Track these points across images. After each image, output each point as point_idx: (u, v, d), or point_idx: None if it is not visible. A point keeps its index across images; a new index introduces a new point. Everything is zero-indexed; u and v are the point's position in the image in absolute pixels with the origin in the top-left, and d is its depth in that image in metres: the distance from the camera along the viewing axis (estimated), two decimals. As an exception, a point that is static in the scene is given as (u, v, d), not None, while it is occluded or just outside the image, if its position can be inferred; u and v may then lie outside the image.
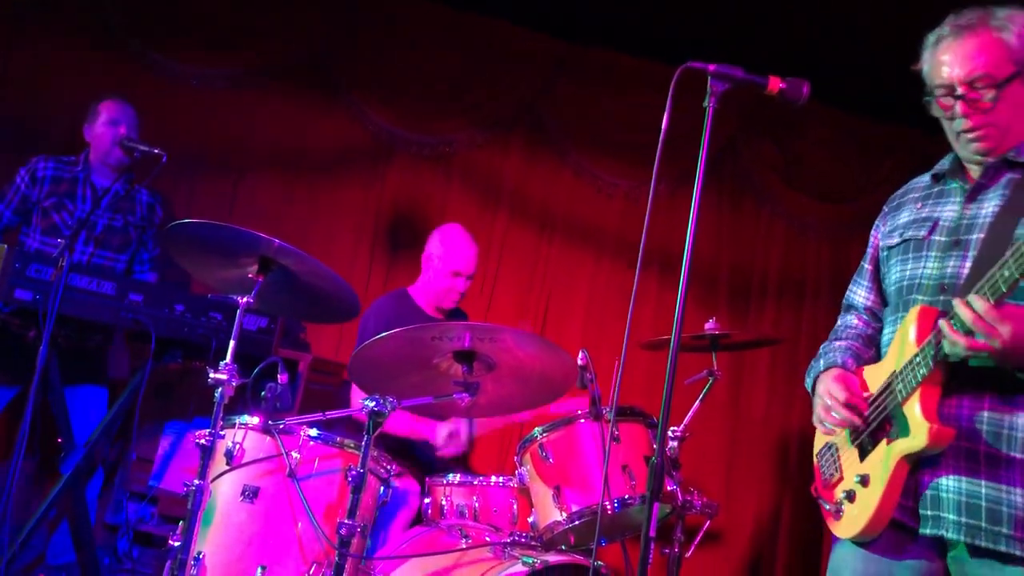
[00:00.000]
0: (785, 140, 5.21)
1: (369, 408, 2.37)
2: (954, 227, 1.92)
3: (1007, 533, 1.74)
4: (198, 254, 2.62)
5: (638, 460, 2.72)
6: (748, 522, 5.03)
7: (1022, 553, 1.73)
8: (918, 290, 1.94)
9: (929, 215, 1.99)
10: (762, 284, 5.26)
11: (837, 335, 2.20)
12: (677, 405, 3.28)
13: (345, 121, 4.86)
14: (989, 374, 1.77)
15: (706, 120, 1.90)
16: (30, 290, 3.08)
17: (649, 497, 1.79)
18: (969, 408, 1.81)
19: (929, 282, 1.92)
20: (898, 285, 2.01)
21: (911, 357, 1.83)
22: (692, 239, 1.85)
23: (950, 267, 1.89)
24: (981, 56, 1.85)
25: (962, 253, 1.88)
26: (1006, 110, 1.85)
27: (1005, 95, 1.85)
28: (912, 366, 1.82)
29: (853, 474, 1.95)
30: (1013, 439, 1.78)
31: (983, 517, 1.77)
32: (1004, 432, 1.78)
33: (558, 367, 2.64)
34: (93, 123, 3.81)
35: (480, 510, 2.92)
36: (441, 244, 3.73)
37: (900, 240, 2.03)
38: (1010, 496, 1.76)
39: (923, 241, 1.96)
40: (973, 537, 1.77)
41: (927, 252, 1.95)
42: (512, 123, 5.05)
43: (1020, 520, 1.74)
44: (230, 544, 2.51)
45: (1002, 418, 1.78)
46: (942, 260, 1.91)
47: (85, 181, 3.76)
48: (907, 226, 2.03)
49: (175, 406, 3.97)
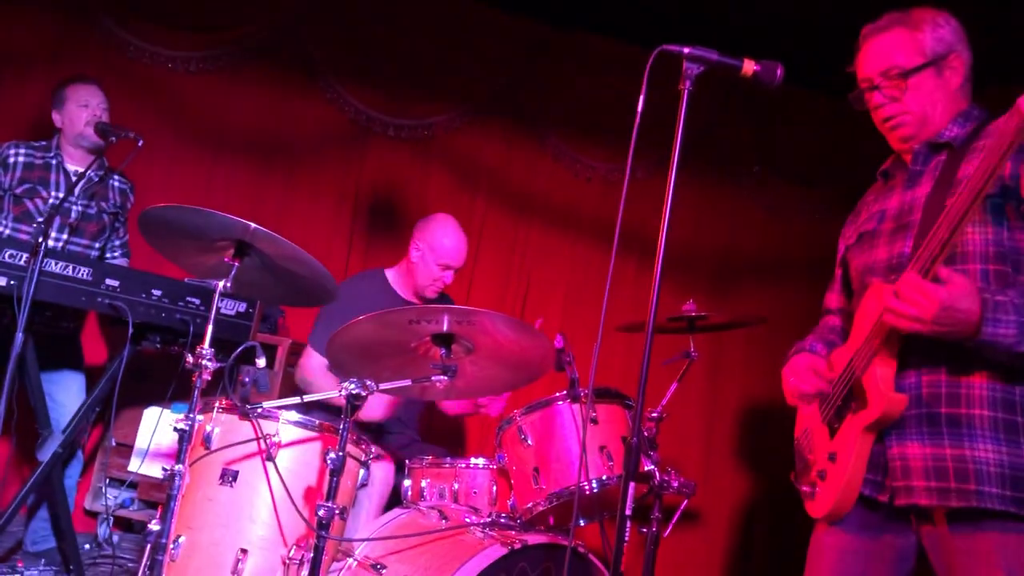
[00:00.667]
0: (762, 123, 5.24)
1: (348, 391, 2.37)
2: (897, 213, 2.03)
3: (975, 489, 1.78)
4: (173, 239, 2.60)
5: (616, 441, 2.75)
6: (726, 502, 5.10)
7: (993, 506, 1.77)
8: (871, 273, 2.05)
9: (879, 208, 2.11)
10: (740, 266, 5.30)
11: (814, 332, 2.31)
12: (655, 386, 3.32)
13: (322, 103, 4.83)
14: (945, 344, 1.82)
15: (681, 103, 1.91)
16: (4, 276, 3.06)
17: (625, 476, 1.82)
18: (928, 375, 1.87)
19: (880, 265, 2.03)
20: (857, 274, 2.12)
21: (868, 331, 1.90)
22: (667, 221, 1.86)
23: (896, 248, 1.99)
24: (892, 50, 2.02)
25: (907, 233, 1.98)
26: (918, 98, 2.00)
27: (914, 84, 1.99)
28: (868, 340, 1.90)
29: (824, 453, 2.00)
30: (971, 397, 1.83)
31: (951, 477, 1.80)
32: (962, 392, 1.84)
33: (536, 350, 2.65)
34: (61, 107, 3.75)
35: (459, 492, 2.94)
36: (433, 235, 3.67)
37: (857, 236, 2.15)
38: (974, 452, 1.80)
39: (874, 231, 2.08)
40: (944, 499, 1.81)
41: (877, 240, 2.06)
42: (491, 106, 5.04)
43: (987, 475, 1.78)
44: (210, 528, 2.51)
45: (959, 380, 1.84)
46: (890, 244, 2.02)
47: (58, 167, 3.71)
48: (863, 223, 2.15)
49: (154, 391, 3.96)
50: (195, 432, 2.47)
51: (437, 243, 3.64)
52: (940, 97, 2.00)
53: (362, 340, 2.60)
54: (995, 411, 1.81)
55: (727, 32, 4.48)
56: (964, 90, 2.02)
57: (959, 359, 1.84)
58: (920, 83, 2.00)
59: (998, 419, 1.80)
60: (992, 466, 1.78)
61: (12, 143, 3.70)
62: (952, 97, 2.01)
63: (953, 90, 2.00)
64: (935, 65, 1.99)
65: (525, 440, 2.78)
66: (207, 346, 2.45)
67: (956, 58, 2.00)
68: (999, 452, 1.79)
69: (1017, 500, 1.77)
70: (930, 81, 2.00)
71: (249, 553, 2.47)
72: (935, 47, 1.99)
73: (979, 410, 1.82)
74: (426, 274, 3.65)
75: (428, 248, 3.65)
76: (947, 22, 2.02)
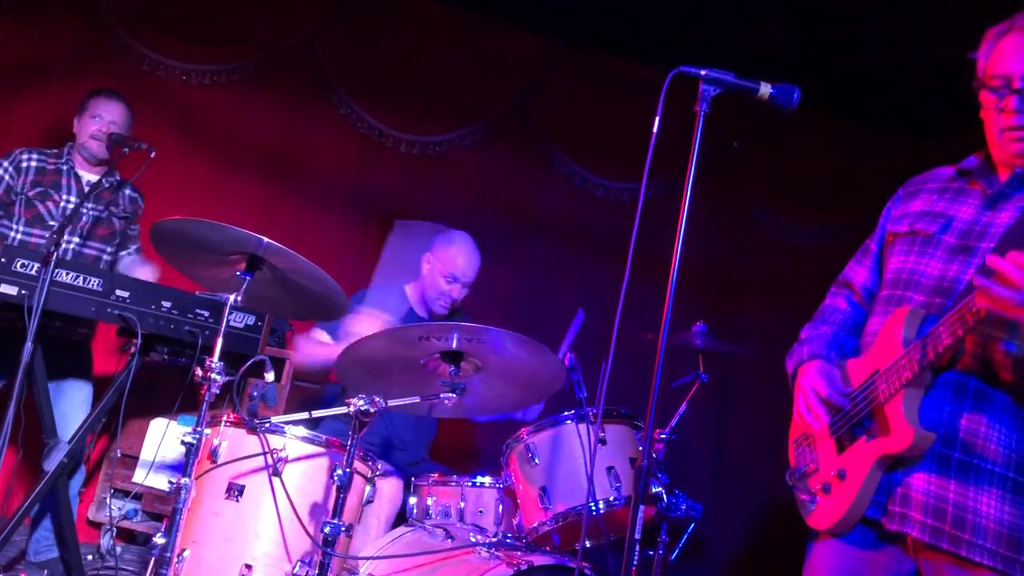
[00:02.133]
0: (773, 145, 5.24)
1: (356, 407, 2.36)
2: (966, 230, 1.88)
3: (968, 539, 1.75)
4: (186, 251, 2.60)
5: (624, 462, 2.73)
6: (734, 525, 5.05)
7: (981, 560, 1.74)
8: (915, 287, 1.91)
9: (943, 211, 1.94)
10: (751, 288, 5.28)
11: (824, 317, 2.18)
12: (665, 407, 3.30)
13: (335, 119, 4.85)
14: (971, 384, 1.78)
15: (697, 124, 1.91)
16: (15, 285, 3.06)
17: (635, 499, 1.80)
18: (949, 415, 1.80)
19: (928, 281, 1.89)
20: (896, 275, 1.96)
21: (896, 358, 1.82)
22: (681, 242, 1.86)
23: (952, 270, 1.85)
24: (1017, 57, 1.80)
25: (968, 259, 1.84)
26: None
27: None
28: (896, 367, 1.81)
29: (830, 467, 1.96)
30: (986, 450, 1.77)
31: (948, 521, 1.77)
32: (979, 443, 1.78)
33: (546, 368, 2.64)
34: (80, 115, 3.81)
35: (466, 511, 2.92)
36: (444, 247, 3.66)
37: (909, 230, 1.98)
38: (977, 504, 1.76)
39: (931, 237, 1.92)
40: (936, 539, 1.77)
41: (933, 250, 1.90)
42: (503, 123, 5.05)
43: (983, 528, 1.75)
44: (215, 542, 2.50)
45: (978, 429, 1.78)
46: (946, 261, 1.87)
47: (69, 172, 3.75)
48: (918, 217, 1.98)
49: (161, 403, 3.95)
50: (202, 445, 2.46)
51: (445, 255, 3.64)
52: None
53: (372, 356, 2.59)
54: (1007, 471, 1.76)
55: (735, 54, 4.49)
56: None
57: (983, 406, 1.78)
58: None
59: (1008, 479, 1.76)
60: (992, 522, 1.74)
61: (24, 149, 3.74)
62: None
63: None
64: None
65: (532, 459, 2.76)
66: (216, 359, 2.44)
67: None
68: (1001, 511, 1.75)
69: (1007, 560, 1.73)
70: None
71: (253, 569, 2.45)
72: None
73: (991, 466, 1.77)
74: (433, 287, 3.65)
75: (437, 260, 3.65)
76: None
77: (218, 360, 2.46)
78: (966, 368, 1.78)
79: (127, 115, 3.82)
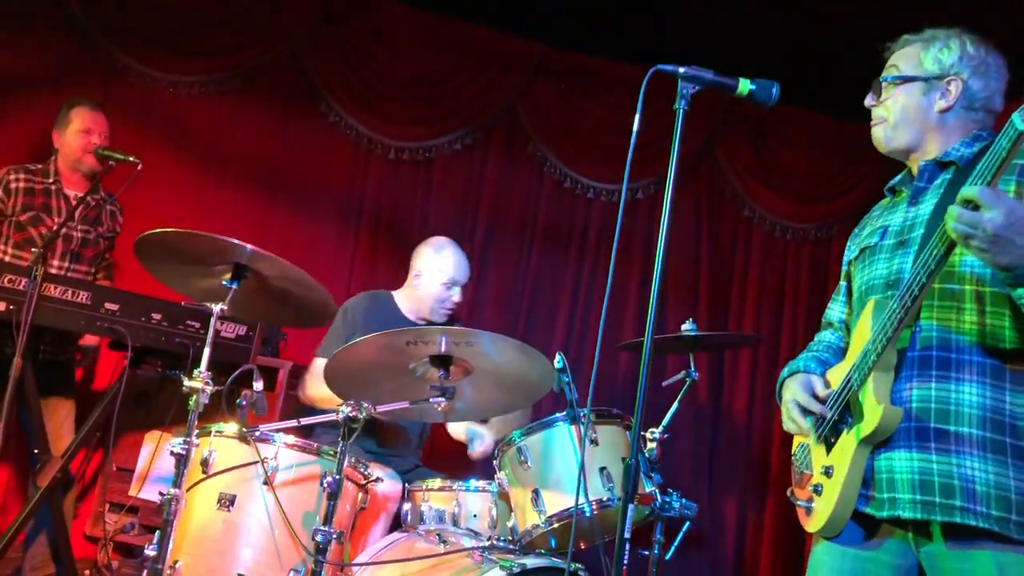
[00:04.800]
0: (762, 141, 5.24)
1: (344, 414, 2.36)
2: (899, 229, 2.03)
3: (960, 506, 1.78)
4: (170, 263, 2.60)
5: (616, 462, 2.72)
6: (729, 524, 5.04)
7: (976, 523, 1.76)
8: (871, 291, 2.04)
9: (883, 224, 2.11)
10: (741, 285, 5.28)
11: (809, 347, 2.29)
12: (657, 407, 3.29)
13: (324, 127, 4.84)
14: (935, 357, 1.86)
15: (676, 122, 1.92)
16: (3, 300, 3.06)
17: (624, 498, 1.80)
18: (918, 389, 1.87)
19: (879, 281, 2.02)
20: (858, 292, 2.11)
21: (864, 347, 1.90)
22: (665, 240, 1.88)
23: (895, 264, 1.99)
24: (901, 58, 2.07)
25: (906, 250, 1.97)
26: (895, 108, 2.04)
27: (899, 93, 2.04)
28: (864, 355, 1.90)
29: (820, 468, 2.00)
30: (960, 414, 1.83)
31: (936, 492, 1.80)
32: (951, 408, 1.84)
33: (535, 370, 2.64)
34: (64, 129, 3.77)
35: (459, 515, 2.92)
36: (431, 257, 3.64)
37: (859, 251, 2.15)
38: (960, 469, 1.80)
39: (875, 247, 2.08)
40: (928, 513, 1.80)
41: (878, 255, 2.06)
42: (491, 127, 5.05)
43: (971, 492, 1.78)
44: (207, 552, 2.50)
45: (948, 395, 1.84)
46: (890, 260, 2.01)
47: (58, 193, 3.72)
48: (865, 238, 2.15)
49: (155, 415, 3.95)
50: (192, 456, 2.46)
51: (439, 262, 3.62)
52: (919, 116, 2.02)
53: (361, 362, 2.59)
54: (983, 430, 1.81)
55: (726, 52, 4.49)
56: (964, 116, 2.00)
57: (949, 375, 1.85)
58: (903, 94, 2.04)
59: (986, 439, 1.81)
60: (978, 484, 1.78)
61: (11, 168, 3.70)
62: (938, 120, 2.01)
63: (937, 112, 2.00)
64: (925, 82, 2.01)
65: (525, 462, 2.76)
66: (204, 369, 2.44)
67: (953, 83, 2.00)
68: (985, 471, 1.79)
69: (1002, 520, 1.76)
70: (914, 96, 2.03)
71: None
72: (931, 67, 2.01)
73: (968, 428, 1.82)
74: (433, 297, 3.61)
75: (428, 272, 3.62)
76: (959, 47, 2.01)
77: (207, 370, 2.46)
78: (926, 342, 1.88)
79: (108, 127, 3.82)
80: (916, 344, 1.89)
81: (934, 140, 2.03)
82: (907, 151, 2.07)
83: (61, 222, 3.57)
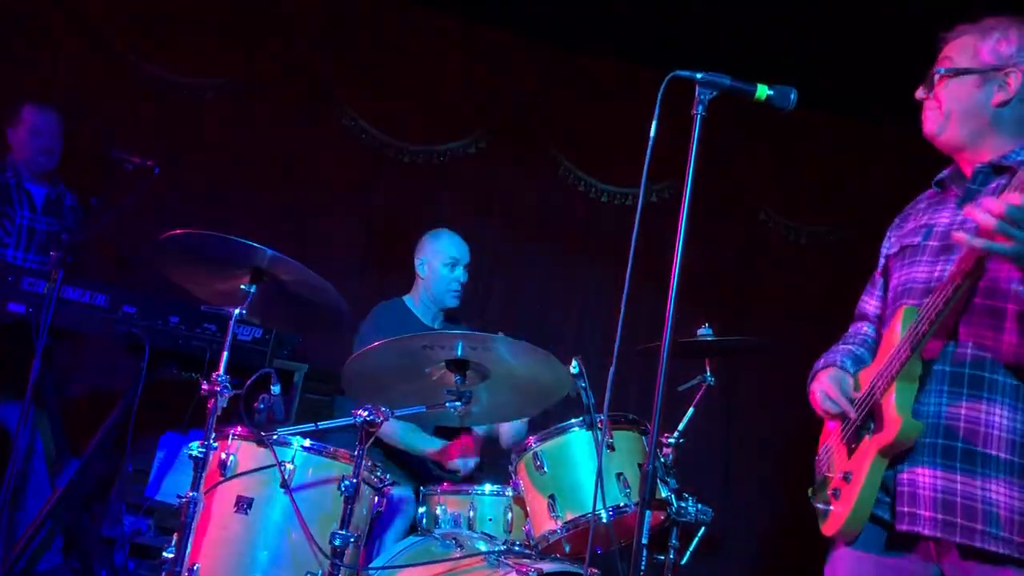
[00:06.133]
0: (778, 145, 5.23)
1: (362, 418, 2.37)
2: (946, 232, 1.95)
3: (982, 529, 1.75)
4: (190, 266, 2.61)
5: (632, 467, 2.71)
6: (745, 528, 5.03)
7: (996, 549, 1.74)
8: (908, 294, 1.98)
9: (927, 222, 2.03)
10: (757, 290, 5.26)
11: (845, 340, 2.23)
12: (672, 412, 3.29)
13: (337, 130, 4.87)
14: (967, 375, 1.81)
15: (694, 128, 1.91)
16: (23, 304, 3.08)
17: (641, 504, 1.79)
18: (948, 405, 1.83)
19: (918, 285, 1.96)
20: (894, 291, 2.05)
21: (891, 354, 1.87)
22: (681, 245, 1.87)
23: (938, 270, 1.92)
24: (955, 49, 1.97)
25: (950, 257, 1.90)
26: (947, 100, 1.95)
27: (953, 85, 1.94)
28: (890, 362, 1.86)
29: (840, 472, 1.99)
30: (990, 436, 1.79)
31: (958, 513, 1.77)
32: (981, 430, 1.80)
33: (551, 375, 2.64)
34: (16, 127, 3.80)
35: (475, 519, 2.92)
36: (431, 243, 3.72)
37: (899, 248, 2.07)
38: (985, 492, 1.76)
39: (918, 247, 2.00)
40: (949, 533, 1.78)
41: (920, 257, 1.98)
42: (504, 130, 5.06)
43: (995, 517, 1.75)
44: (225, 555, 2.50)
45: (979, 416, 1.80)
46: (932, 264, 1.95)
47: (18, 186, 3.75)
48: (907, 235, 2.07)
49: (171, 418, 3.97)
50: (210, 459, 2.47)
51: (439, 247, 3.67)
52: (975, 110, 1.93)
53: (377, 367, 2.60)
54: (1012, 455, 1.77)
55: (743, 56, 4.48)
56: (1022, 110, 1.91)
57: (981, 395, 1.81)
58: (958, 87, 1.94)
59: (1014, 463, 1.77)
60: (1002, 509, 1.75)
61: None
62: (995, 115, 1.92)
63: (994, 106, 1.91)
64: (981, 75, 1.92)
65: (541, 467, 2.76)
66: (222, 373, 2.45)
67: (1012, 75, 1.90)
68: (1011, 496, 1.75)
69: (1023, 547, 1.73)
70: (969, 89, 1.93)
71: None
72: (988, 58, 1.92)
73: (995, 451, 1.78)
74: (439, 281, 3.66)
75: (432, 254, 3.68)
76: (1020, 37, 1.91)
77: (224, 374, 2.47)
78: (960, 358, 1.82)
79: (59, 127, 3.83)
80: (949, 359, 1.84)
81: (989, 138, 1.93)
82: (959, 147, 1.98)
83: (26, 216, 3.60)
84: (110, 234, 4.36)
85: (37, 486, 3.64)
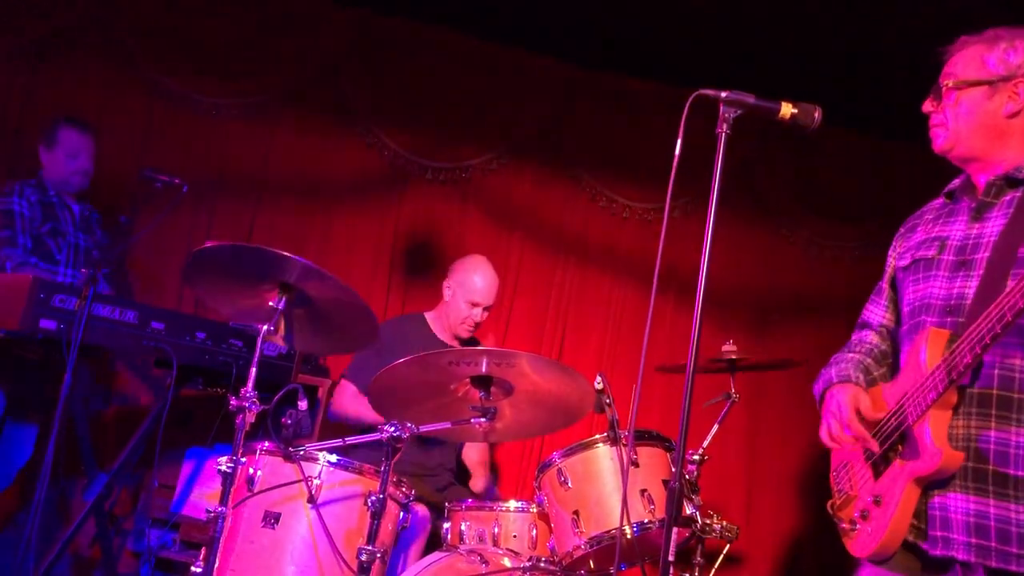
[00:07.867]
0: (800, 161, 5.22)
1: (388, 434, 2.39)
2: (961, 246, 1.94)
3: (1017, 553, 1.74)
4: (219, 279, 2.63)
5: (657, 484, 2.71)
6: (769, 545, 5.00)
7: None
8: (927, 311, 1.96)
9: (939, 235, 2.02)
10: (779, 306, 5.24)
11: (850, 348, 2.22)
12: (696, 428, 3.28)
13: (360, 148, 4.90)
14: (995, 396, 1.80)
15: (719, 146, 1.92)
16: (54, 320, 3.13)
17: (668, 521, 1.79)
18: (977, 429, 1.82)
19: (937, 302, 1.94)
20: (911, 306, 2.03)
21: (922, 380, 1.85)
22: (706, 262, 1.87)
23: (956, 287, 1.91)
24: (962, 60, 1.97)
25: (969, 273, 1.89)
26: (957, 113, 1.94)
27: (961, 98, 1.93)
28: (923, 388, 1.84)
29: (867, 493, 1.97)
30: (1020, 458, 1.78)
31: (992, 537, 1.76)
32: (1011, 452, 1.79)
33: (575, 391, 2.65)
34: (51, 148, 3.83)
35: (499, 535, 2.92)
36: (464, 273, 3.75)
37: (911, 261, 2.06)
38: (1019, 515, 1.75)
39: (932, 261, 1.99)
40: (984, 557, 1.76)
41: (936, 272, 1.97)
42: (527, 147, 5.08)
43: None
44: (252, 570, 2.52)
45: (1008, 438, 1.79)
46: (950, 280, 1.93)
47: (62, 205, 3.81)
48: (918, 246, 2.06)
49: (196, 433, 4.00)
50: (238, 474, 2.50)
51: (466, 280, 3.71)
52: (985, 121, 1.92)
53: (402, 382, 2.62)
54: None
55: (763, 71, 4.49)
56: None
57: (1010, 416, 1.80)
58: (966, 99, 1.94)
59: None
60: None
61: (18, 183, 3.76)
62: (1005, 125, 1.91)
63: (1004, 117, 1.91)
64: (991, 85, 1.91)
65: (565, 483, 2.76)
66: (250, 388, 2.48)
67: (1022, 85, 1.90)
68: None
69: None
70: (977, 100, 1.93)
71: (290, 596, 2.47)
72: (996, 68, 1.91)
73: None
74: (457, 312, 3.71)
75: (457, 285, 3.72)
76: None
77: (252, 390, 2.49)
78: (988, 381, 1.81)
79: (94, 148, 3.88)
80: (976, 379, 1.83)
81: (1001, 149, 1.93)
82: (971, 160, 1.97)
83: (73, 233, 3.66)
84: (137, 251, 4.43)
85: None
